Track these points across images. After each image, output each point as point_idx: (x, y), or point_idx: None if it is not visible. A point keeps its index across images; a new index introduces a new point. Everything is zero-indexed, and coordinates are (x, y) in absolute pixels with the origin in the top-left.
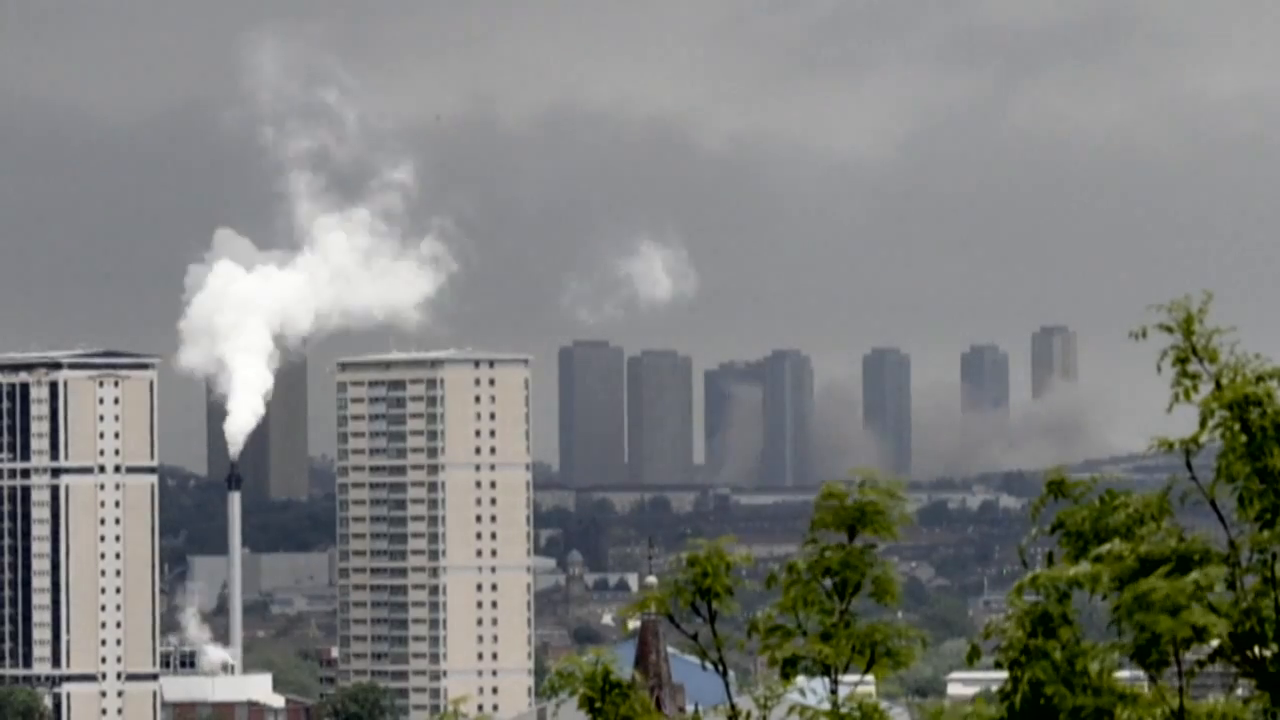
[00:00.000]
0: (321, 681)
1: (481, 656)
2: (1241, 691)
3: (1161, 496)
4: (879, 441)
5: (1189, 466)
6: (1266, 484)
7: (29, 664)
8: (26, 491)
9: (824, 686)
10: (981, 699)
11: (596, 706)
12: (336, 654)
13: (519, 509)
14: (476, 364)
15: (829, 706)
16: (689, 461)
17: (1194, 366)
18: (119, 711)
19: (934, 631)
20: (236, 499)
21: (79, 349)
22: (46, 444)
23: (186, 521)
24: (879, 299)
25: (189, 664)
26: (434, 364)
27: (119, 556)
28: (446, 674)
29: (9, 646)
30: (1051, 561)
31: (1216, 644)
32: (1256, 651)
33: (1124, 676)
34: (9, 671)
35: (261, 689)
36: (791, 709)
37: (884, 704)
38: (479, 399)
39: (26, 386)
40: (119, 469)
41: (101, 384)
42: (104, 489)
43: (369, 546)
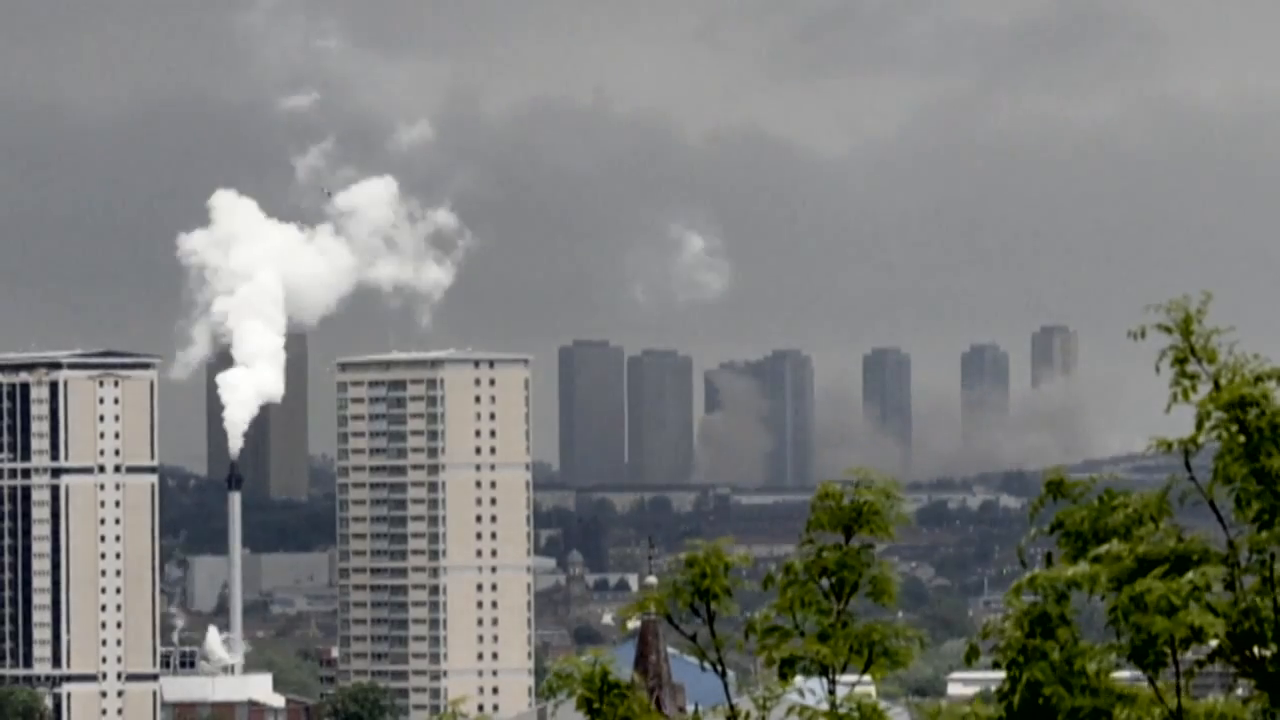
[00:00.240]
0: (321, 681)
1: (481, 656)
2: (1241, 691)
3: (1160, 497)
4: (879, 441)
5: (1188, 467)
6: (1264, 485)
7: (29, 664)
8: (26, 491)
9: (822, 687)
10: (980, 699)
11: (595, 707)
12: (336, 654)
13: (519, 509)
14: (476, 364)
15: (827, 707)
16: (689, 461)
17: (1193, 367)
18: (119, 711)
19: (934, 631)
20: (236, 499)
21: (79, 349)
22: (46, 444)
23: (186, 521)
24: (879, 299)
25: (189, 664)
26: (434, 364)
27: (119, 556)
28: (446, 674)
29: (9, 646)
30: (1050, 562)
31: (1215, 644)
32: (1255, 651)
33: (1124, 677)
34: (9, 671)
35: (261, 689)
36: (790, 709)
37: (883, 704)
38: (479, 399)
39: (26, 386)
40: (119, 469)
41: (101, 384)
42: (104, 489)
43: (369, 546)
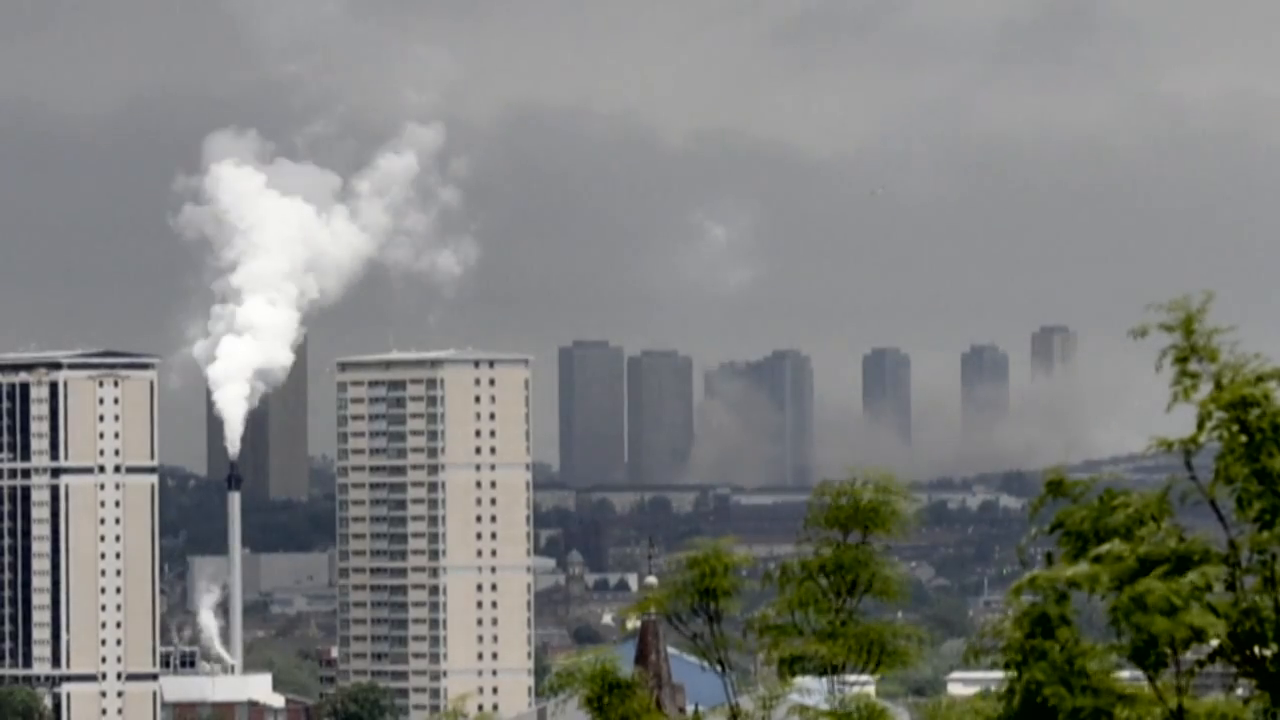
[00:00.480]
0: (321, 681)
1: (481, 656)
2: (1241, 691)
3: (1161, 497)
4: (879, 442)
5: (1189, 467)
6: (1265, 485)
7: (29, 664)
8: (26, 491)
9: (824, 686)
10: (979, 697)
11: (599, 705)
12: (336, 654)
13: (519, 509)
14: (476, 364)
15: (829, 706)
16: (689, 461)
17: (1194, 366)
18: (119, 711)
19: (933, 631)
20: (236, 499)
21: (79, 349)
22: (46, 444)
23: (186, 521)
24: (879, 299)
25: (189, 664)
26: (434, 364)
27: (119, 556)
28: (446, 674)
29: (9, 646)
30: (1050, 562)
31: (1216, 644)
32: (1256, 651)
33: (1123, 676)
34: (9, 671)
35: (261, 689)
36: (792, 709)
37: (883, 704)
38: (479, 399)
39: (26, 386)
40: (119, 469)
41: (101, 384)
42: (104, 489)
43: (369, 546)
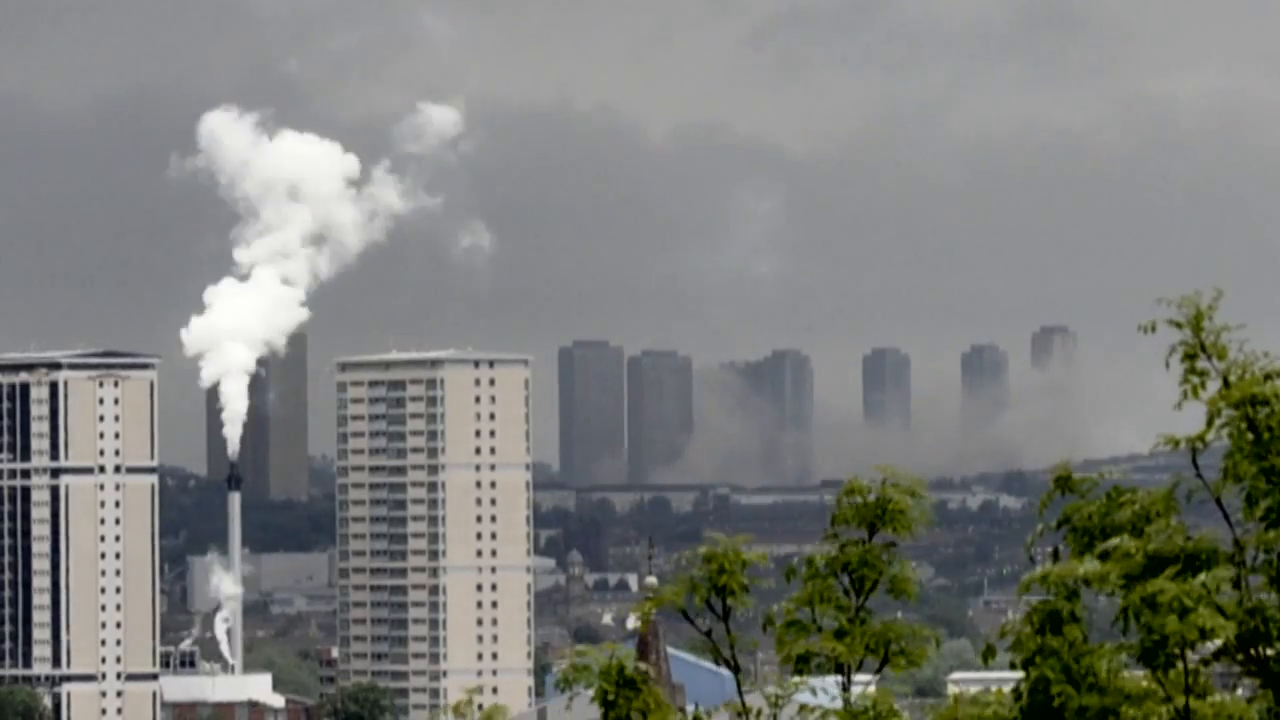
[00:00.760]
0: (321, 681)
1: (481, 656)
2: (1243, 691)
3: (1168, 494)
4: (879, 442)
5: (1195, 464)
6: (1273, 483)
7: (29, 664)
8: (26, 491)
9: (834, 684)
10: (998, 694)
11: (610, 700)
12: (336, 654)
13: (519, 509)
14: (476, 364)
15: (839, 705)
16: (689, 461)
17: (1202, 363)
18: (119, 711)
19: (935, 631)
20: (236, 499)
21: (79, 349)
22: (46, 444)
23: (186, 521)
24: (879, 299)
25: (189, 664)
26: (434, 364)
27: (119, 556)
28: (446, 674)
29: (9, 646)
30: (1058, 557)
31: (1221, 643)
32: (1261, 650)
33: (1127, 675)
34: (9, 671)
35: (261, 689)
36: (802, 708)
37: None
38: (479, 399)
39: (26, 386)
40: (119, 469)
41: (101, 384)
42: (104, 489)
43: (369, 546)
